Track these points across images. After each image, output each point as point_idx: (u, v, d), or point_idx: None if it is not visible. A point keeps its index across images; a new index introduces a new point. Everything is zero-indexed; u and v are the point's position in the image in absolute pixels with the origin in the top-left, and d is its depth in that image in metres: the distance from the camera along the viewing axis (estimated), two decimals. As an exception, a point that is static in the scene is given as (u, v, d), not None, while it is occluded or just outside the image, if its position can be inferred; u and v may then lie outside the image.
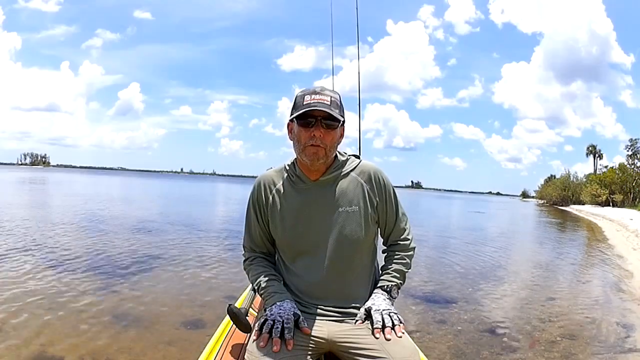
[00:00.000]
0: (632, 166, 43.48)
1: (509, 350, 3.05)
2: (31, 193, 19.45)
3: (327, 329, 1.22)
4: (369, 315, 1.23)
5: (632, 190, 40.85)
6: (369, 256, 1.34)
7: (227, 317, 1.45)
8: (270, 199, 1.31)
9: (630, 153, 44.06)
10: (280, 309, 1.19)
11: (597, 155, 56.04)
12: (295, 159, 1.32)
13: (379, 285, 1.31)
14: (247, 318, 1.36)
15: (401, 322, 1.22)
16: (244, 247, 1.41)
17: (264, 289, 1.29)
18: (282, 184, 1.32)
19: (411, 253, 1.38)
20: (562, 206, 47.60)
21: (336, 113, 1.20)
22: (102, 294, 3.84)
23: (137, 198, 20.94)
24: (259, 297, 1.80)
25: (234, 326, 1.40)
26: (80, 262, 5.06)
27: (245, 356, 1.17)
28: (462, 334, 3.36)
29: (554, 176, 65.31)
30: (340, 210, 1.27)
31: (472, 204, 46.51)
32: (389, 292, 1.29)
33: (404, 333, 1.21)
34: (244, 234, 1.40)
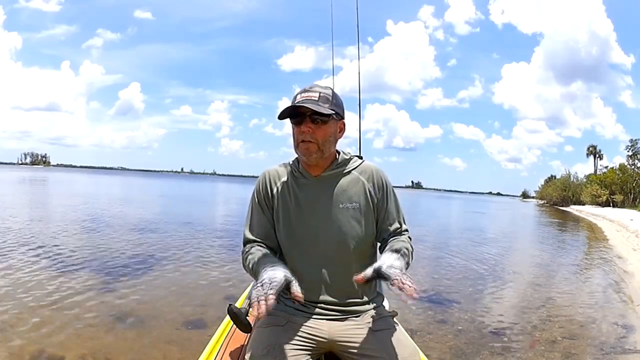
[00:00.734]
0: (633, 167, 43.44)
1: (509, 350, 3.05)
2: (32, 193, 19.46)
3: (327, 328, 1.22)
4: (379, 275, 1.10)
5: (632, 191, 40.79)
6: (368, 254, 1.34)
7: (228, 317, 1.45)
8: (274, 192, 1.32)
9: (630, 153, 44.03)
10: (271, 273, 1.11)
11: (597, 155, 56.04)
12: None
13: (387, 248, 1.22)
14: (247, 318, 1.35)
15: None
16: (243, 242, 1.35)
17: (257, 263, 1.21)
18: (286, 179, 1.32)
19: (410, 246, 1.29)
20: (562, 206, 47.56)
21: (324, 108, 1.20)
22: (103, 294, 3.84)
23: (138, 198, 20.94)
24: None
25: (234, 326, 1.40)
26: (81, 262, 5.07)
27: (246, 356, 1.17)
28: (463, 333, 3.36)
29: (554, 176, 65.30)
30: (340, 206, 1.28)
31: (472, 204, 46.51)
32: (398, 252, 1.18)
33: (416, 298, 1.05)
34: (244, 228, 1.36)
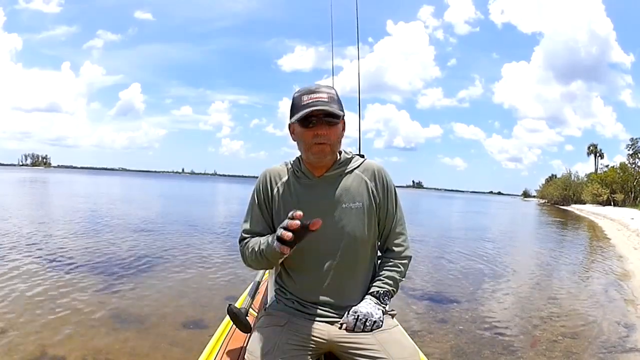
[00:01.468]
0: (633, 165, 43.43)
1: (510, 350, 3.05)
2: (32, 194, 19.48)
3: (327, 329, 1.21)
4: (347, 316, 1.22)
5: (633, 190, 40.75)
6: (369, 256, 1.33)
7: (227, 317, 1.45)
8: (275, 191, 1.31)
9: (631, 152, 44.03)
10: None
11: (598, 154, 55.98)
12: (300, 156, 1.32)
13: (369, 291, 1.29)
14: (247, 318, 1.36)
15: (378, 328, 1.20)
16: (240, 238, 1.33)
17: (262, 241, 1.23)
18: (288, 179, 1.31)
19: (406, 262, 1.35)
20: (563, 206, 47.50)
21: (335, 109, 1.21)
22: (103, 294, 3.85)
23: (138, 198, 20.95)
24: (259, 297, 1.81)
25: (234, 326, 1.40)
26: (82, 262, 5.07)
27: (245, 356, 1.17)
28: (464, 333, 3.36)
29: (555, 176, 65.27)
30: (343, 206, 1.27)
31: (473, 203, 46.49)
32: (378, 298, 1.27)
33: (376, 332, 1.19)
34: (242, 225, 1.34)
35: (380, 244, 1.37)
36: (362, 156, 1.39)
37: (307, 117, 1.21)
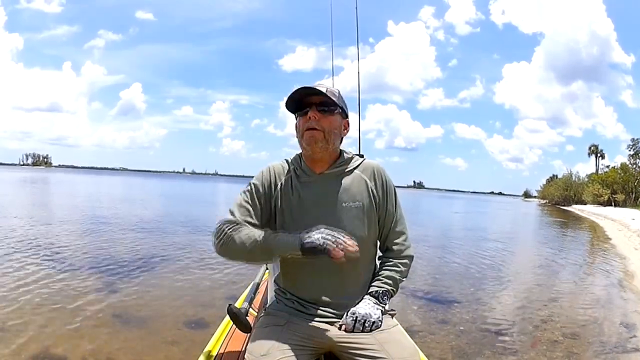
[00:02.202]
0: (634, 166, 43.36)
1: (511, 350, 3.04)
2: (33, 193, 19.51)
3: (327, 329, 1.21)
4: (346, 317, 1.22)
5: (634, 190, 40.70)
6: (370, 256, 1.33)
7: (228, 317, 1.45)
8: (279, 187, 1.29)
9: (632, 153, 43.95)
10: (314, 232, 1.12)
11: (599, 155, 55.94)
12: (300, 153, 1.32)
13: (369, 291, 1.28)
14: (247, 318, 1.36)
15: (378, 328, 1.19)
16: (228, 220, 1.22)
17: (269, 234, 1.17)
18: (289, 176, 1.30)
19: (406, 261, 1.34)
20: (564, 206, 47.46)
21: (329, 98, 1.21)
22: (104, 294, 3.85)
23: (139, 198, 20.96)
24: (259, 297, 1.81)
25: (234, 326, 1.40)
26: (83, 262, 5.07)
27: (245, 356, 1.17)
28: (464, 333, 3.35)
29: (556, 176, 65.21)
30: (343, 205, 1.26)
31: (474, 204, 46.45)
32: (377, 298, 1.26)
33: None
34: (234, 209, 1.25)
35: (380, 243, 1.37)
36: (362, 156, 1.39)
37: (302, 106, 1.22)
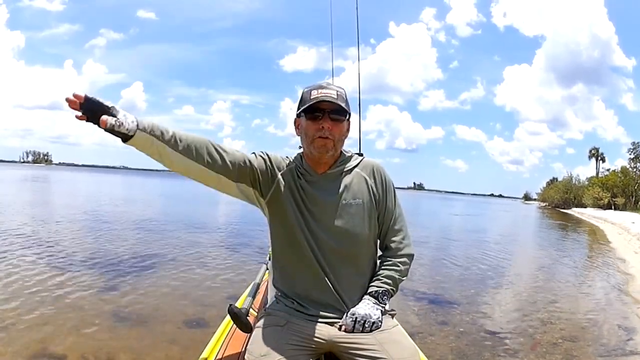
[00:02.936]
0: (634, 169, 43.30)
1: (510, 352, 3.04)
2: (33, 191, 19.50)
3: (327, 329, 1.21)
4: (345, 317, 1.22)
5: (634, 194, 40.66)
6: (370, 255, 1.33)
7: (228, 317, 1.45)
8: (280, 176, 1.28)
9: (632, 156, 43.87)
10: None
11: (599, 158, 55.84)
12: (301, 153, 1.32)
13: (368, 291, 1.28)
14: (247, 318, 1.36)
15: (377, 328, 1.20)
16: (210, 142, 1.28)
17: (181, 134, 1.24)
18: (292, 172, 1.29)
19: (405, 260, 1.33)
20: (564, 209, 47.38)
21: (342, 106, 1.22)
22: (105, 293, 3.85)
23: (139, 197, 20.96)
24: (259, 297, 1.81)
25: (234, 326, 1.40)
26: (83, 261, 5.07)
27: (246, 356, 1.17)
28: (464, 335, 3.35)
29: (556, 179, 65.15)
30: (344, 203, 1.27)
31: (474, 206, 46.43)
32: (376, 298, 1.26)
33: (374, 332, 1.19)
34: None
35: (380, 243, 1.37)
36: (361, 155, 1.39)
37: (314, 110, 1.22)
